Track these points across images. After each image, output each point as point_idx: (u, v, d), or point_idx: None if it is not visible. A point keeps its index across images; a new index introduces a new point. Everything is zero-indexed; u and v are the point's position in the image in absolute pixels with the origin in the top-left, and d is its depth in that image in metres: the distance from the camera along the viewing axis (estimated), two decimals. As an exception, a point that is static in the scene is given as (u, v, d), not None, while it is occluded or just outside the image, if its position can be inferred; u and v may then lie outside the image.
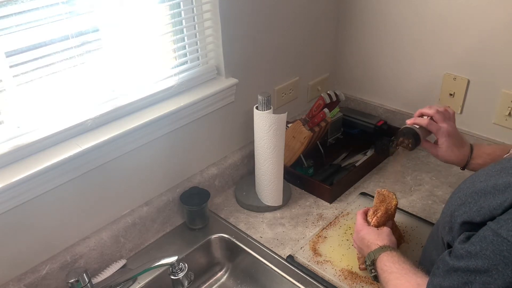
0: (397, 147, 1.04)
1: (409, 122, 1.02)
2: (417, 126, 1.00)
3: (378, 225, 0.98)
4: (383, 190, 1.05)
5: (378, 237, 0.94)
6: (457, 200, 0.73)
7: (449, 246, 0.73)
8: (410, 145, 1.00)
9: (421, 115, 1.02)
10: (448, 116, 1.01)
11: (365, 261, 0.93)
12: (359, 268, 1.03)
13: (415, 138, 0.99)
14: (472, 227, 0.68)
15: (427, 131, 1.00)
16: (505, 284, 0.60)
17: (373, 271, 0.90)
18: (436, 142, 1.01)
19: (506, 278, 0.60)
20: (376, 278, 0.90)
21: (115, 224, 1.09)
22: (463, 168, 1.02)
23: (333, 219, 1.20)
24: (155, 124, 1.08)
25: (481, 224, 0.66)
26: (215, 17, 1.16)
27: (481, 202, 0.67)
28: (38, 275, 0.96)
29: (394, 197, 1.03)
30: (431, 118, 1.00)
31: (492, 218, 0.65)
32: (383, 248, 0.90)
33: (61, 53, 0.92)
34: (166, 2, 1.09)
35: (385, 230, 0.96)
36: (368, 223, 1.00)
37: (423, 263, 0.91)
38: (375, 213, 1.00)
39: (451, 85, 1.37)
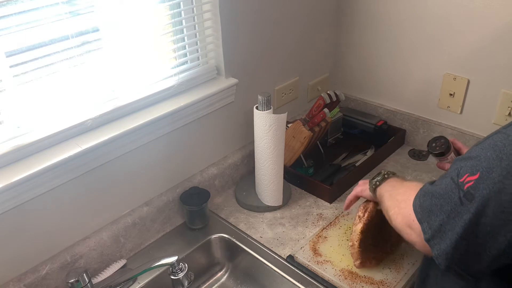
0: (430, 152, 1.09)
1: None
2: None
3: (370, 220, 0.99)
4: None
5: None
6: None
7: None
8: (443, 146, 1.06)
9: None
10: None
11: (374, 177, 0.96)
12: (355, 264, 1.03)
13: (445, 148, 1.06)
14: None
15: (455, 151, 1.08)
16: (488, 165, 0.62)
17: (377, 183, 0.94)
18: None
19: (490, 160, 0.62)
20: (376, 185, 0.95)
21: (115, 224, 1.09)
22: None
23: (333, 219, 1.20)
24: (155, 124, 1.08)
25: None
26: (215, 17, 1.16)
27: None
28: (38, 275, 0.96)
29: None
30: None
31: None
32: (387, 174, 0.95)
33: (61, 53, 0.91)
34: (166, 2, 1.09)
35: None
36: (360, 218, 1.01)
37: (424, 263, 0.91)
38: (365, 208, 1.01)
39: (451, 85, 1.37)
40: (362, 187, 1.03)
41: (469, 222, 0.63)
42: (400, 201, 0.82)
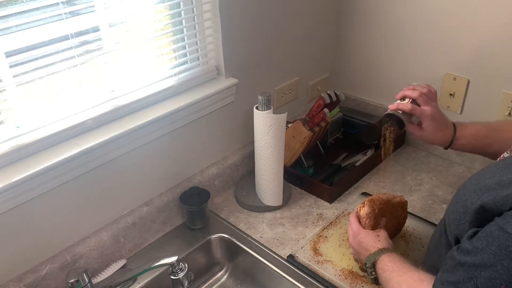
0: (384, 135, 1.03)
1: (391, 107, 1.01)
2: (400, 112, 0.99)
3: (373, 226, 0.98)
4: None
5: (376, 240, 0.94)
6: (462, 197, 0.73)
7: (457, 241, 0.74)
8: (395, 132, 1.00)
9: (403, 98, 1.01)
10: (431, 97, 1.00)
11: (365, 264, 0.92)
12: (360, 268, 1.03)
13: (399, 125, 0.99)
14: (479, 217, 0.68)
15: (410, 114, 1.00)
16: (510, 278, 0.60)
17: (373, 273, 0.90)
18: (419, 124, 1.00)
19: (511, 272, 0.60)
20: (376, 280, 0.90)
21: (115, 224, 1.09)
22: (446, 148, 1.02)
23: (334, 219, 1.20)
24: (155, 124, 1.08)
25: (488, 214, 0.66)
26: (215, 17, 1.16)
27: (484, 197, 0.67)
28: (38, 275, 0.96)
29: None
30: (414, 100, 0.99)
31: (499, 213, 0.65)
32: (383, 251, 0.90)
33: (61, 53, 0.91)
34: (166, 2, 1.09)
35: (383, 233, 0.96)
36: (360, 219, 1.00)
37: (426, 264, 0.91)
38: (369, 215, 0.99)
39: (451, 85, 1.37)
40: (355, 252, 0.98)
41: None
42: (400, 283, 0.79)
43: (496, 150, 0.95)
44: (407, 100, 1.00)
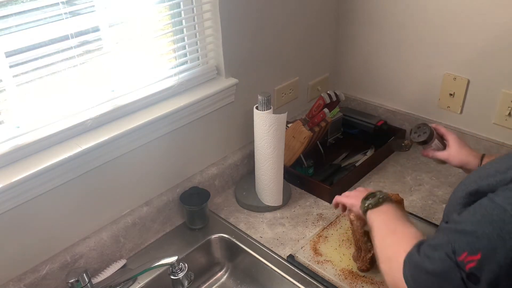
0: (411, 140, 1.07)
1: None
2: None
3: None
4: None
5: (364, 191, 0.95)
6: (462, 186, 0.74)
7: None
8: (425, 133, 1.04)
9: None
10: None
11: (368, 197, 0.91)
12: (358, 268, 1.03)
13: (428, 137, 1.03)
14: (473, 199, 0.68)
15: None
16: (490, 245, 0.59)
17: (370, 206, 0.89)
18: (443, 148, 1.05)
19: (491, 240, 0.59)
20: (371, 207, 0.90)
21: (115, 224, 1.09)
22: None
23: (334, 219, 1.20)
24: (155, 124, 1.08)
25: (481, 196, 0.66)
26: (215, 17, 1.16)
27: (480, 182, 0.68)
28: (38, 275, 0.96)
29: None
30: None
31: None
32: (384, 197, 0.90)
33: (61, 53, 0.92)
34: (166, 2, 1.09)
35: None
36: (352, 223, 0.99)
37: None
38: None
39: (451, 85, 1.37)
40: (353, 202, 0.97)
41: None
42: (388, 252, 0.79)
43: None
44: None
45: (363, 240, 0.98)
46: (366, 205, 0.90)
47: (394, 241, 0.79)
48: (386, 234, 0.83)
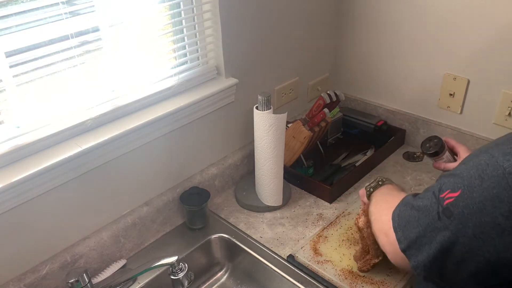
0: (423, 152, 1.09)
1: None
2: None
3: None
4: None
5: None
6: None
7: None
8: (436, 145, 1.06)
9: None
10: None
11: (370, 183, 0.98)
12: (358, 268, 1.03)
13: (438, 149, 1.06)
14: None
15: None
16: (469, 184, 0.62)
17: (371, 189, 0.96)
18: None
19: (472, 179, 0.62)
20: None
21: (115, 224, 1.09)
22: None
23: (334, 219, 1.20)
24: (155, 124, 1.08)
25: None
26: (215, 17, 1.16)
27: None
28: (38, 275, 0.96)
29: None
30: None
31: None
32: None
33: (61, 53, 0.91)
34: (166, 2, 1.09)
35: None
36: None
37: None
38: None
39: (451, 85, 1.37)
40: (363, 192, 1.03)
41: (448, 240, 0.64)
42: (383, 208, 0.83)
43: None
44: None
45: (374, 247, 0.98)
46: (368, 189, 0.97)
47: (391, 199, 0.81)
48: (383, 200, 0.88)
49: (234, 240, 1.16)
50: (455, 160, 1.08)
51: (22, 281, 0.94)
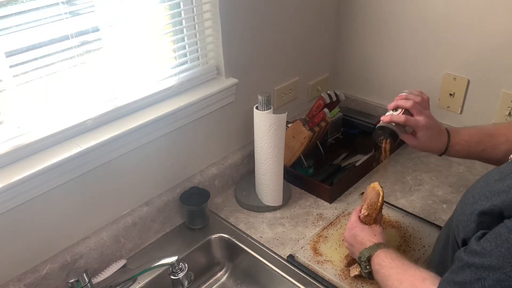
0: (381, 144, 1.01)
1: (384, 119, 0.99)
2: (394, 124, 0.97)
3: (368, 221, 0.98)
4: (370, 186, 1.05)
5: (372, 235, 0.93)
6: (470, 199, 0.73)
7: (464, 243, 0.73)
8: (390, 143, 0.98)
9: (396, 108, 0.99)
10: (424, 105, 0.98)
11: (359, 257, 0.92)
12: (345, 267, 1.03)
13: (393, 137, 0.97)
14: (488, 219, 0.68)
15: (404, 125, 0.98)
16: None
17: (368, 267, 0.90)
18: (414, 134, 0.99)
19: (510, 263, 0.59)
20: (370, 274, 0.90)
21: (115, 224, 1.09)
22: (440, 155, 1.00)
23: (334, 219, 1.20)
24: (155, 124, 1.08)
25: (497, 217, 0.66)
26: (215, 17, 1.16)
27: (494, 199, 0.67)
28: (38, 275, 0.96)
29: (378, 187, 1.02)
30: (407, 110, 0.97)
31: (508, 216, 0.64)
32: (378, 246, 0.90)
33: (61, 53, 0.91)
34: (166, 2, 1.09)
35: (378, 228, 0.96)
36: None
37: (432, 264, 0.90)
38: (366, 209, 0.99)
39: (451, 85, 1.37)
40: (349, 245, 0.98)
41: None
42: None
43: (490, 155, 0.95)
44: (399, 110, 0.98)
45: None
46: (365, 274, 0.92)
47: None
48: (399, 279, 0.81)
49: (234, 240, 1.16)
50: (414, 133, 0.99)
51: (22, 281, 0.94)
